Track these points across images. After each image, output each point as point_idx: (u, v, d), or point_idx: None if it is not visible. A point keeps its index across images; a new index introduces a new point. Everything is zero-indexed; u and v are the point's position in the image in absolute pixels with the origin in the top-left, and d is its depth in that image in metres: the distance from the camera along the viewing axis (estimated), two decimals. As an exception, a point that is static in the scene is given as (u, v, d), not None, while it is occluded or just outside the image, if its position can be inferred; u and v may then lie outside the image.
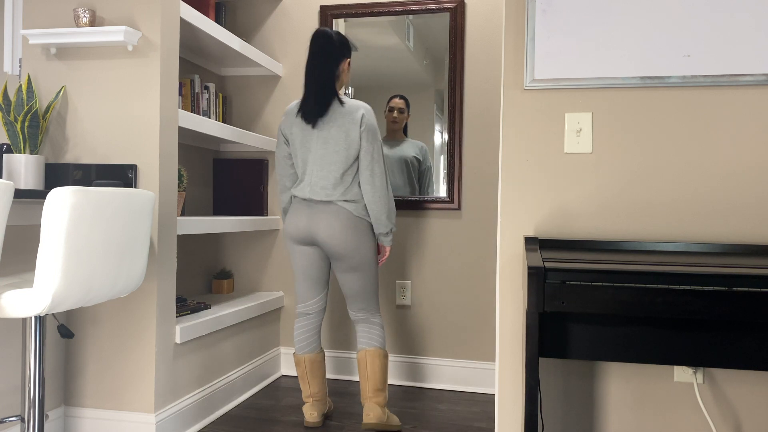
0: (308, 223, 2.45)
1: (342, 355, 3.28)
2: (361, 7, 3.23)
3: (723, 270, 1.45)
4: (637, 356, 1.65)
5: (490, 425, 2.63)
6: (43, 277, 1.57)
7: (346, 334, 3.29)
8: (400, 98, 3.22)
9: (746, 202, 1.76)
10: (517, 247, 1.90)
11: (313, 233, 2.45)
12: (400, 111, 3.21)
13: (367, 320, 2.52)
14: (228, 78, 3.45)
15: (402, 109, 3.21)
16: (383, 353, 2.49)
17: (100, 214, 1.70)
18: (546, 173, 1.88)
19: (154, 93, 2.25)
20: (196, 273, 3.23)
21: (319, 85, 2.43)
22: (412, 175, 3.18)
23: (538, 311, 1.49)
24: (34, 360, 1.74)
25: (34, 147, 2.19)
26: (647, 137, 1.82)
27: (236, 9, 3.43)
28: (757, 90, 1.75)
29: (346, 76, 2.55)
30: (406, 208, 3.20)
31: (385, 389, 2.49)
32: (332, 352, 3.30)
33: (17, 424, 2.13)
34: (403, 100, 3.22)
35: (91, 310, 2.32)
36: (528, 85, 1.87)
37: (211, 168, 3.38)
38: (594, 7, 1.82)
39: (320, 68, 2.44)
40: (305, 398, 2.58)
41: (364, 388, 2.48)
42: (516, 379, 1.90)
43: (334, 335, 3.31)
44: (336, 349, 3.30)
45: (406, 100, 3.22)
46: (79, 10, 2.23)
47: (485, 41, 3.12)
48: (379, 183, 2.44)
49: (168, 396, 2.34)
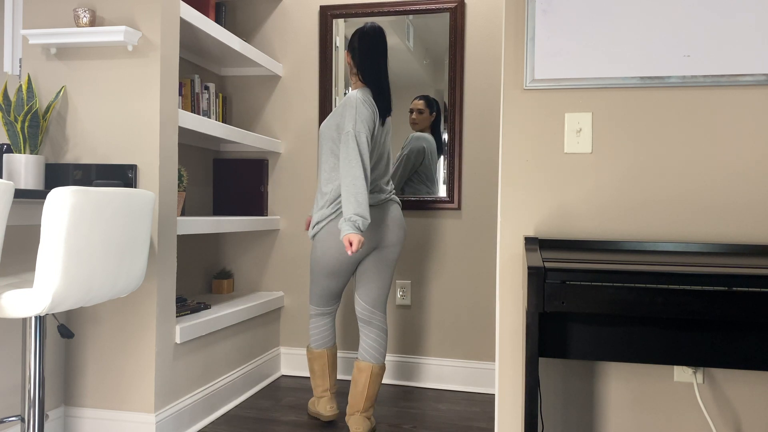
0: (380, 221, 2.44)
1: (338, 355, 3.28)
2: (361, 7, 3.23)
3: (723, 270, 1.45)
4: (637, 356, 1.65)
5: (490, 425, 2.63)
6: (43, 277, 1.57)
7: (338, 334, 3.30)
8: (419, 99, 3.21)
9: (746, 202, 1.76)
10: (517, 247, 1.90)
11: (381, 231, 2.45)
12: (419, 112, 3.20)
13: (379, 322, 2.49)
14: (228, 78, 3.45)
15: (421, 110, 3.19)
16: (383, 369, 2.49)
17: (100, 214, 1.70)
18: (546, 173, 1.88)
19: (154, 93, 2.25)
20: (196, 273, 3.23)
21: (387, 82, 2.49)
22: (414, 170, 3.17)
23: (538, 311, 1.49)
24: (34, 360, 1.74)
25: (34, 147, 2.19)
26: (647, 137, 1.82)
27: (236, 9, 3.43)
28: (757, 90, 1.75)
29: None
30: (407, 208, 3.20)
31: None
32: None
33: (17, 424, 2.13)
34: (423, 100, 3.20)
35: (91, 310, 2.32)
36: (528, 85, 1.87)
37: (211, 168, 3.38)
38: (594, 7, 1.82)
39: (384, 65, 2.49)
40: (322, 392, 2.59)
41: (358, 401, 2.43)
42: (516, 379, 1.90)
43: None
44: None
45: (427, 100, 3.20)
46: (79, 10, 2.23)
47: (485, 41, 3.12)
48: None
49: (168, 396, 2.34)
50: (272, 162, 3.38)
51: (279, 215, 3.37)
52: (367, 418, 2.44)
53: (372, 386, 2.44)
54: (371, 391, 2.44)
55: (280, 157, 3.37)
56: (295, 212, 3.35)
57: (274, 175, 3.38)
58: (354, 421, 2.42)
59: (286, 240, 3.35)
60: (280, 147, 3.35)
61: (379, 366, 2.45)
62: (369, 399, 2.44)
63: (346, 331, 3.30)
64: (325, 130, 2.48)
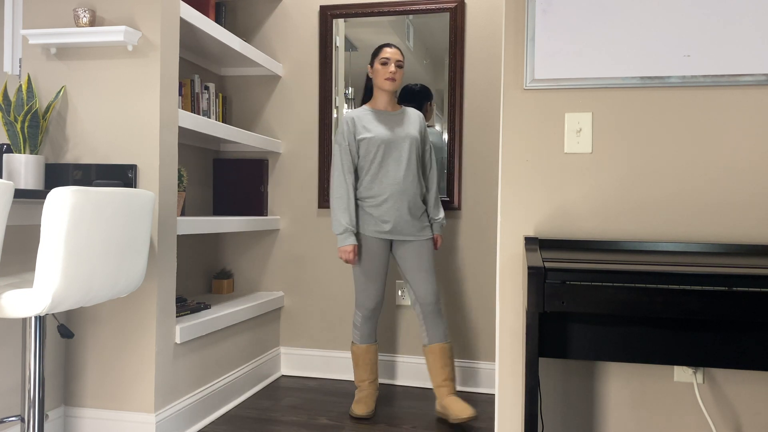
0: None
1: (334, 355, 3.28)
2: (361, 7, 3.23)
3: (723, 270, 1.44)
4: (637, 356, 1.65)
5: (490, 425, 2.63)
6: (43, 277, 1.57)
7: (334, 334, 3.30)
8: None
9: (746, 202, 1.76)
10: (517, 247, 1.90)
11: None
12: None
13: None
14: (228, 78, 3.45)
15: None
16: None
17: (100, 214, 1.70)
18: (546, 173, 1.88)
19: (154, 93, 2.25)
20: (196, 273, 3.23)
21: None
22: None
23: (538, 311, 1.49)
24: (34, 360, 1.74)
25: (34, 147, 2.19)
26: (647, 137, 1.82)
27: (236, 9, 3.43)
28: (757, 90, 1.75)
29: (374, 78, 2.74)
30: (406, 208, 3.19)
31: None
32: (321, 351, 3.30)
33: (17, 424, 2.13)
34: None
35: (91, 310, 2.32)
36: (528, 85, 1.87)
37: (211, 168, 3.38)
38: (594, 7, 1.82)
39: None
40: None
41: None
42: (516, 379, 1.90)
43: (331, 334, 3.31)
44: (326, 348, 3.30)
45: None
46: (79, 10, 2.23)
47: (485, 41, 3.12)
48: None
49: (168, 396, 2.34)
50: (272, 162, 3.38)
51: (279, 215, 3.37)
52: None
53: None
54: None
55: (280, 157, 3.37)
56: (295, 212, 3.35)
57: (274, 175, 3.38)
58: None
59: (286, 240, 3.35)
60: (280, 147, 3.35)
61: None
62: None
63: (332, 331, 3.30)
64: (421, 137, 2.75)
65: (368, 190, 2.66)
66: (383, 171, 2.64)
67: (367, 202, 2.66)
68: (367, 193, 2.66)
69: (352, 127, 2.67)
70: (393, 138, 2.65)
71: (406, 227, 2.65)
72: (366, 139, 2.64)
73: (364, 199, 2.67)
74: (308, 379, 3.29)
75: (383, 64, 2.66)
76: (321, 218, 3.32)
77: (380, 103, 2.72)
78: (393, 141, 2.65)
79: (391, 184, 2.63)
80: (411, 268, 2.67)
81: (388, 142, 2.64)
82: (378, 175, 2.65)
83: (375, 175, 2.65)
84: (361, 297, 2.71)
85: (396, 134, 2.66)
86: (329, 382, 3.23)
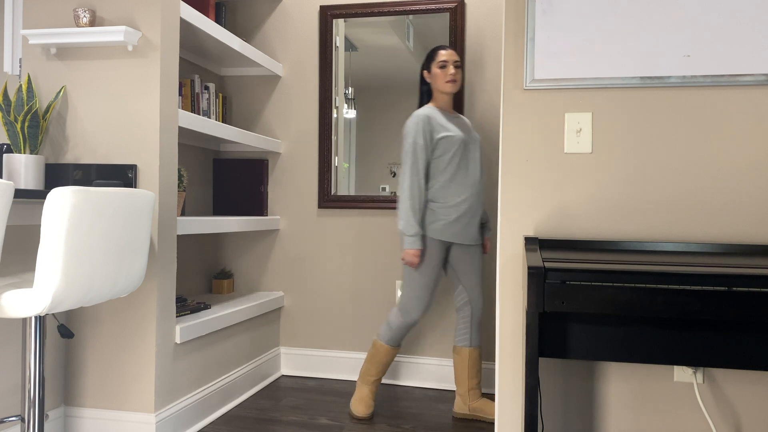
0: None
1: (334, 355, 3.29)
2: (361, 7, 3.23)
3: (723, 270, 1.45)
4: (637, 356, 1.65)
5: (490, 425, 2.63)
6: (43, 277, 1.57)
7: (334, 334, 3.30)
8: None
9: (746, 202, 1.76)
10: (517, 247, 1.90)
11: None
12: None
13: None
14: (228, 78, 3.45)
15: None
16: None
17: (100, 214, 1.70)
18: (546, 173, 1.88)
19: (154, 93, 2.25)
20: (196, 273, 3.23)
21: None
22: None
23: (538, 311, 1.49)
24: (34, 360, 1.74)
25: (34, 147, 2.19)
26: (647, 137, 1.82)
27: (236, 9, 3.43)
28: (757, 90, 1.75)
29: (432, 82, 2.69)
30: (406, 208, 3.19)
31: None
32: (321, 351, 3.30)
33: (17, 424, 2.13)
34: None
35: (91, 310, 2.32)
36: (528, 85, 1.87)
37: (211, 168, 3.38)
38: (594, 6, 1.82)
39: None
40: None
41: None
42: (516, 379, 1.90)
43: (339, 335, 3.31)
44: (326, 348, 3.30)
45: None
46: (79, 10, 2.23)
47: (485, 41, 3.12)
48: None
49: (168, 396, 2.34)
50: (272, 162, 3.38)
51: (279, 215, 3.37)
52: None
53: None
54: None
55: (280, 157, 3.37)
56: (295, 212, 3.35)
57: (274, 175, 3.38)
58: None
59: (286, 240, 3.35)
60: (280, 147, 3.35)
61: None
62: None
63: (328, 330, 3.29)
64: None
65: (444, 189, 2.56)
66: (462, 171, 2.58)
67: (438, 203, 2.57)
68: (441, 194, 2.57)
69: (429, 125, 2.56)
70: (468, 138, 2.62)
71: (474, 231, 2.62)
72: (446, 138, 2.55)
73: (436, 200, 2.57)
74: (308, 379, 3.29)
75: (442, 68, 2.62)
76: (321, 218, 3.32)
77: (444, 105, 2.68)
78: (468, 141, 2.62)
79: (471, 184, 2.59)
80: (470, 272, 2.65)
81: (466, 142, 2.61)
82: (456, 176, 2.57)
83: (453, 174, 2.56)
84: (412, 303, 2.60)
85: (469, 135, 2.64)
86: (329, 382, 3.23)
